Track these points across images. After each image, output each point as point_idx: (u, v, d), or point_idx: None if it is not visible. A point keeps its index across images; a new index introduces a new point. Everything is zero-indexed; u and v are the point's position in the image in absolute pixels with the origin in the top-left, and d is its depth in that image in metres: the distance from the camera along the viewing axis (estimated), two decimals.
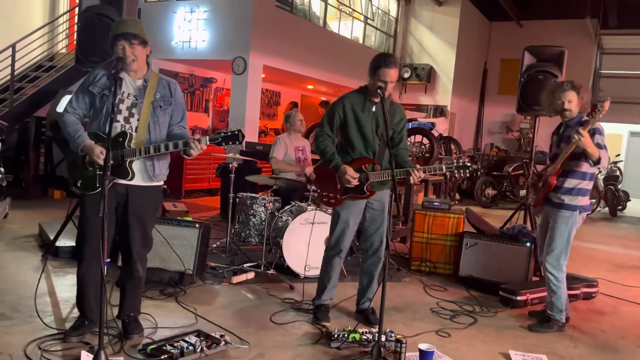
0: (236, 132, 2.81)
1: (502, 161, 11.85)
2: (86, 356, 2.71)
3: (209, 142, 2.83)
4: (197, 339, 2.94)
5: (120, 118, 2.90)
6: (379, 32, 13.65)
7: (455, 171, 3.32)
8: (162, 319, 3.35)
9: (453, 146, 11.74)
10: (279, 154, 5.42)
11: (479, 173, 10.70)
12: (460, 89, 14.00)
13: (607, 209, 11.06)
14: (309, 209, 4.58)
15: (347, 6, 12.32)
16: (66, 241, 4.58)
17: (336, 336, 3.13)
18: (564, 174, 3.59)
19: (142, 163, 2.94)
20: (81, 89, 2.97)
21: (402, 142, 3.58)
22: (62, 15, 10.07)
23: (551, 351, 3.37)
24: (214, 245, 5.15)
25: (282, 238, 4.46)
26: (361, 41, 12.82)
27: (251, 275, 4.42)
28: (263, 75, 9.85)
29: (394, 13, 14.08)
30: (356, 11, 12.61)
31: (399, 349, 2.95)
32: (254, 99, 9.35)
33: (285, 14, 9.97)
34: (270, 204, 4.73)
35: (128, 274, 3.09)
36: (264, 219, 4.85)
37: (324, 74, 11.15)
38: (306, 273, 4.41)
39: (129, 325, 3.06)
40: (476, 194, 10.60)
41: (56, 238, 4.59)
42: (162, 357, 2.73)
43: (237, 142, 2.82)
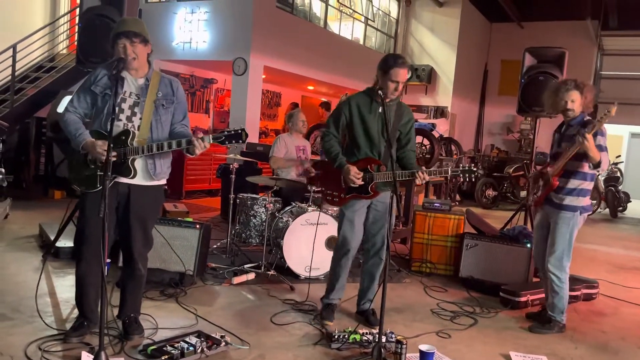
0: (239, 131, 2.81)
1: (502, 162, 11.85)
2: (87, 357, 2.71)
3: (212, 141, 2.84)
4: (197, 339, 2.94)
5: (122, 117, 2.90)
6: (379, 33, 13.65)
7: (461, 175, 3.32)
8: (162, 319, 3.35)
9: (453, 147, 11.74)
10: (279, 153, 5.41)
11: (479, 174, 10.68)
12: (460, 90, 14.00)
13: (607, 210, 11.06)
14: (310, 209, 4.58)
15: (347, 7, 12.32)
16: (66, 242, 4.58)
17: (337, 337, 3.13)
18: (566, 174, 3.59)
19: (143, 162, 2.94)
20: (82, 88, 2.97)
21: (409, 143, 3.57)
22: (63, 16, 10.09)
23: (552, 352, 3.36)
24: (215, 246, 5.14)
25: (282, 239, 4.46)
26: (362, 42, 12.82)
27: (251, 276, 4.42)
28: (263, 76, 9.85)
29: (394, 14, 14.08)
30: (357, 12, 12.61)
31: (399, 350, 2.95)
32: (254, 99, 9.35)
33: (286, 14, 9.97)
34: (271, 204, 4.73)
35: (129, 273, 3.09)
36: (264, 219, 4.85)
37: (324, 74, 11.15)
38: (307, 274, 4.40)
39: (129, 326, 3.06)
40: (477, 195, 10.60)
41: (56, 239, 4.59)
42: (163, 358, 2.73)
43: (241, 141, 2.82)
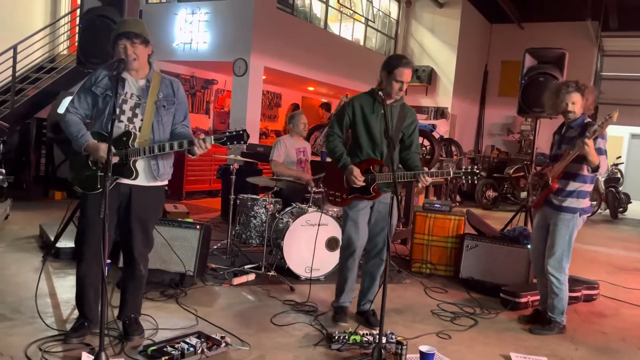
0: (241, 132, 2.81)
1: (502, 163, 11.86)
2: (87, 357, 2.71)
3: (214, 142, 2.84)
4: (197, 340, 2.94)
5: (124, 118, 2.90)
6: (379, 34, 13.65)
7: (463, 177, 3.32)
8: (162, 320, 3.35)
9: (454, 148, 11.74)
10: (279, 156, 5.41)
11: (481, 176, 10.69)
12: (461, 90, 14.00)
13: (608, 211, 11.06)
14: (310, 210, 4.59)
15: (348, 8, 12.32)
16: (67, 242, 4.58)
17: (337, 338, 3.14)
18: (566, 176, 3.59)
19: (146, 163, 2.94)
20: (83, 89, 2.97)
21: (412, 145, 3.57)
22: (64, 16, 10.09)
23: (552, 353, 3.36)
24: (215, 247, 5.14)
25: (282, 240, 4.46)
26: (362, 43, 12.82)
27: (252, 277, 4.42)
28: (264, 77, 9.86)
29: (394, 15, 14.09)
30: (357, 13, 12.61)
31: (399, 351, 2.96)
32: (254, 100, 9.35)
33: (286, 15, 9.98)
34: (271, 205, 4.73)
35: (130, 274, 3.10)
36: (264, 220, 4.85)
37: (324, 75, 11.15)
38: (307, 275, 4.40)
39: (129, 327, 3.06)
40: (477, 196, 10.60)
41: (57, 239, 4.59)
42: (163, 359, 2.72)
43: (242, 142, 2.82)
